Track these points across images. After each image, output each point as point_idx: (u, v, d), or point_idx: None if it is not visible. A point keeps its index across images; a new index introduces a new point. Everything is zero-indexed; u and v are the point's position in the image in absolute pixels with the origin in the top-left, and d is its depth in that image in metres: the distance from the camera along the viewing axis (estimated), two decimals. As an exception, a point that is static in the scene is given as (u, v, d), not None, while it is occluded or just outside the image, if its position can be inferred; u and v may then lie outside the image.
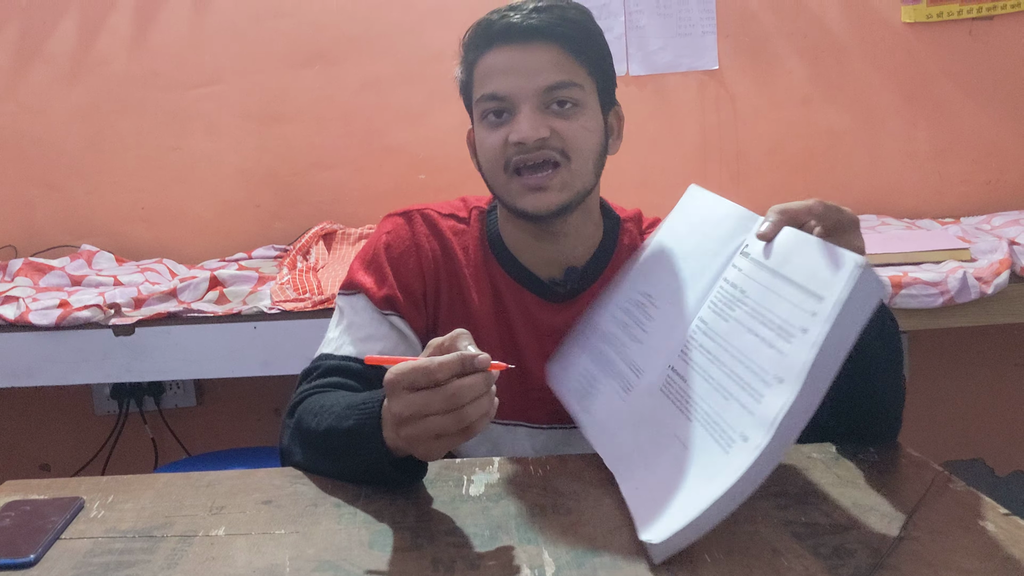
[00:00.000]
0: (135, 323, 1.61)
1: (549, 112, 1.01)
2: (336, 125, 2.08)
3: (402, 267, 1.08)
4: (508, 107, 1.01)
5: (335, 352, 1.04)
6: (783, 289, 0.76)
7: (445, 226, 1.11)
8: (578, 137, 1.01)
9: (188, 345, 1.61)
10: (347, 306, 1.08)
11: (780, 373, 0.71)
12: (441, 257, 1.09)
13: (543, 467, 0.91)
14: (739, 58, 2.08)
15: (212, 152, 2.08)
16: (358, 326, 1.06)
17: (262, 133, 2.08)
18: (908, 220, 2.02)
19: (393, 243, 1.09)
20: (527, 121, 0.99)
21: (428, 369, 0.76)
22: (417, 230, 1.10)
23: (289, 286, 1.71)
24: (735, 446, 0.71)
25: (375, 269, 1.08)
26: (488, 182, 1.06)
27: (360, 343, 1.04)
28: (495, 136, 1.02)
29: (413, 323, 1.07)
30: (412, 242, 1.09)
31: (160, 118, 2.07)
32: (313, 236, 1.97)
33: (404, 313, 1.06)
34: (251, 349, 1.61)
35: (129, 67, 2.05)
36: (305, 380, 1.03)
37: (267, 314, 1.63)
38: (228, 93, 2.07)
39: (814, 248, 0.76)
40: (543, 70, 1.00)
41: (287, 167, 2.09)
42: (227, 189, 2.10)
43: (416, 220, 1.11)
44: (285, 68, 2.06)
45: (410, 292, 1.07)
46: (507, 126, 1.01)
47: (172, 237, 2.10)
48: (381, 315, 1.06)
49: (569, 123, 1.01)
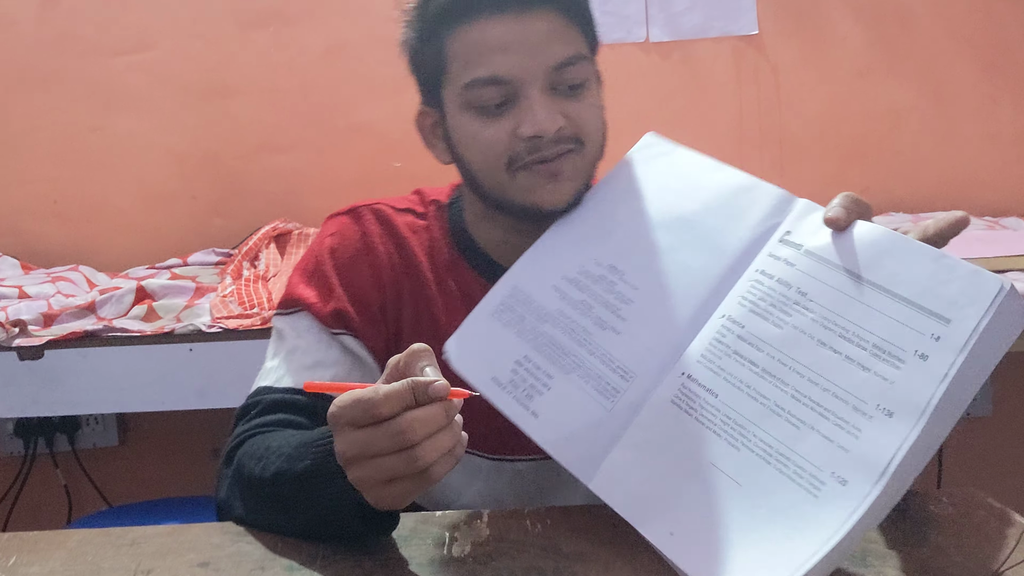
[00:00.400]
0: (44, 344, 1.60)
1: (558, 95, 1.01)
2: (292, 99, 2.08)
3: (353, 275, 1.07)
4: (511, 92, 1.00)
5: (275, 384, 1.04)
6: (878, 301, 0.76)
7: (401, 223, 1.11)
8: (591, 119, 1.03)
9: (109, 371, 1.61)
10: (287, 327, 1.07)
11: (888, 405, 0.71)
12: (399, 260, 1.09)
13: (542, 520, 0.91)
14: (783, 21, 2.08)
15: (140, 133, 2.08)
16: (302, 351, 1.05)
17: (201, 109, 2.08)
18: (989, 218, 2.03)
19: (340, 247, 1.09)
20: (544, 110, 0.99)
21: (370, 402, 0.76)
22: (368, 229, 1.10)
23: (233, 299, 1.70)
24: (827, 490, 0.71)
25: (319, 280, 1.08)
26: (480, 182, 1.06)
27: (306, 371, 1.04)
28: (495, 129, 1.01)
29: (370, 342, 1.06)
30: (363, 244, 1.09)
31: (77, 92, 2.07)
32: (263, 237, 1.97)
33: (358, 331, 1.06)
34: (185, 376, 1.61)
35: (39, 30, 2.05)
36: (242, 420, 1.02)
37: (206, 333, 1.62)
38: (160, 61, 2.07)
39: (927, 257, 0.76)
40: (547, 44, 0.99)
41: (231, 150, 2.10)
42: (158, 178, 2.10)
43: (366, 218, 1.11)
44: (231, 30, 2.07)
45: (364, 305, 1.07)
46: (510, 116, 1.00)
47: (90, 238, 2.10)
48: (330, 335, 1.05)
49: (580, 105, 1.02)
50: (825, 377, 0.75)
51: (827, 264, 0.80)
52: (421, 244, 1.11)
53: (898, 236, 0.79)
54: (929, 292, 0.74)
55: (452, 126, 1.05)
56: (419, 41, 1.05)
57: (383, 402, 0.75)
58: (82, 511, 2.11)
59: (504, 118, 1.01)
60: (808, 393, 0.75)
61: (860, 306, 0.76)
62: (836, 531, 0.68)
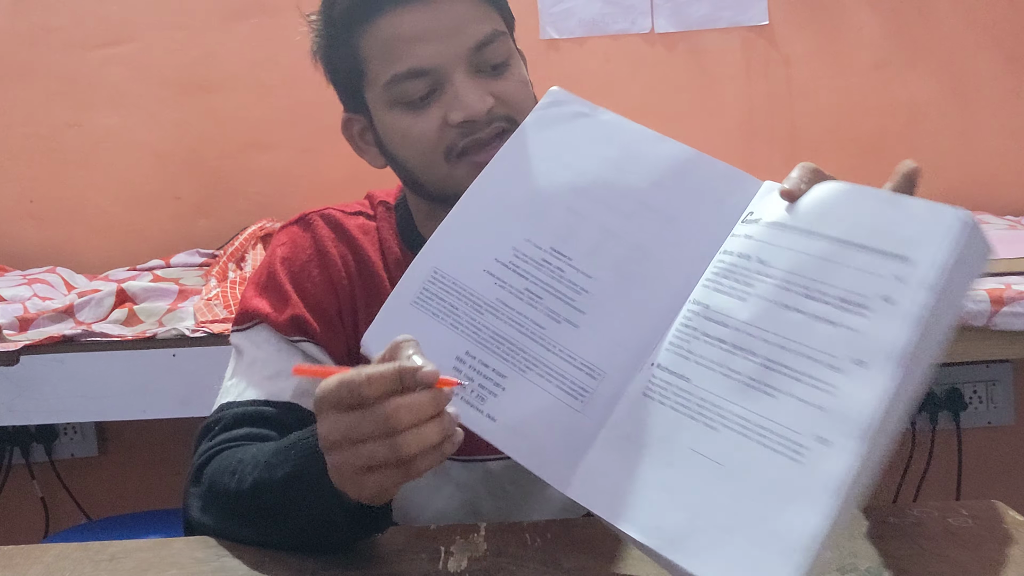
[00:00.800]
0: (20, 349, 1.60)
1: (483, 75, 1.02)
2: (278, 95, 2.09)
3: (306, 282, 1.09)
4: (435, 81, 1.01)
5: (238, 399, 1.04)
6: (835, 253, 0.76)
7: (352, 225, 1.13)
8: (519, 95, 1.04)
9: (88, 378, 1.61)
10: (245, 342, 1.08)
11: (860, 355, 0.71)
12: (353, 263, 1.11)
13: (541, 534, 0.91)
14: (795, 11, 2.09)
15: (120, 129, 2.09)
16: (262, 362, 1.06)
17: (183, 105, 2.08)
18: (1011, 217, 2.03)
19: (291, 255, 1.10)
20: (471, 92, 1.00)
21: (354, 383, 0.76)
22: (319, 234, 1.11)
23: (218, 302, 1.71)
24: (810, 454, 0.70)
25: (273, 290, 1.09)
26: (416, 176, 1.07)
27: (267, 382, 1.04)
28: (424, 121, 1.02)
29: (329, 348, 1.07)
30: (315, 250, 1.10)
31: (54, 86, 2.07)
32: (249, 238, 1.97)
33: (316, 337, 1.07)
34: (168, 383, 1.61)
35: (14, 22, 2.05)
36: (205, 438, 1.03)
37: (190, 338, 1.63)
38: (140, 54, 2.07)
39: (882, 201, 0.77)
40: (462, 26, 1.01)
41: (215, 148, 2.10)
42: (139, 177, 2.10)
43: (316, 224, 1.12)
44: (214, 22, 2.07)
45: (321, 310, 1.08)
46: (438, 105, 1.01)
47: (68, 238, 2.10)
48: (289, 344, 1.06)
49: (507, 83, 1.04)
50: (794, 340, 0.75)
51: (783, 228, 0.81)
52: (372, 244, 1.12)
53: (848, 185, 0.80)
54: (884, 233, 0.74)
55: (381, 127, 1.06)
56: (330, 47, 1.07)
57: (366, 383, 0.75)
58: (60, 524, 2.11)
59: (432, 108, 1.02)
60: (779, 359, 0.75)
61: (819, 262, 0.77)
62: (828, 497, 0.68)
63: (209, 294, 1.74)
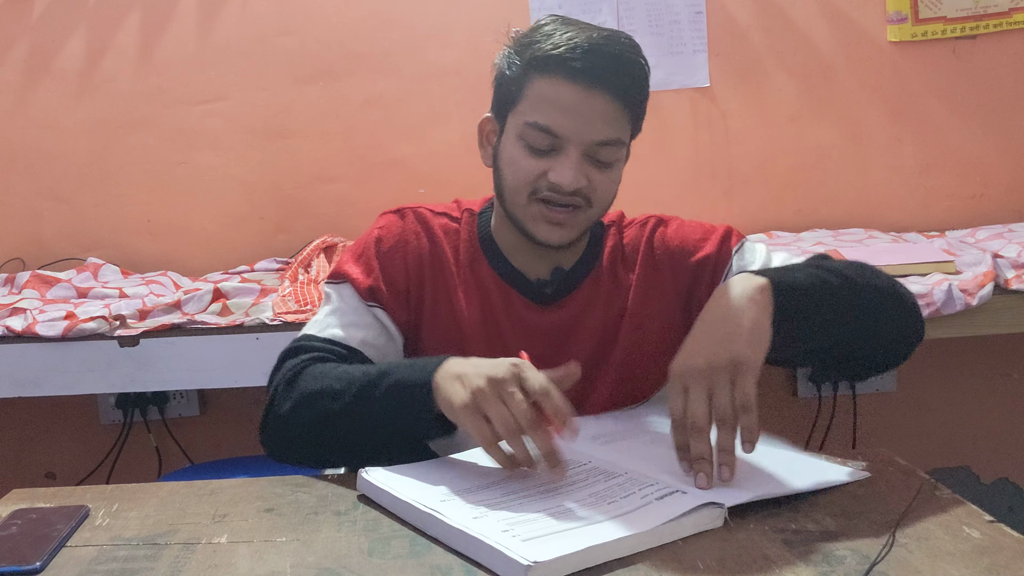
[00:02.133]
0: (140, 334, 1.60)
1: (589, 161, 1.01)
2: (339, 140, 2.09)
3: (388, 261, 1.09)
4: (556, 144, 1.00)
5: (318, 334, 1.05)
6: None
7: (436, 224, 1.12)
8: (606, 189, 1.03)
9: (192, 356, 1.61)
10: (334, 293, 1.09)
11: None
12: (429, 254, 1.10)
13: (539, 475, 0.91)
14: (730, 76, 2.08)
15: (217, 166, 2.08)
16: (343, 312, 1.07)
17: (266, 147, 2.08)
18: (895, 233, 2.03)
19: (383, 237, 1.10)
20: (573, 170, 0.99)
21: (549, 391, 0.83)
22: (408, 227, 1.11)
23: (291, 298, 1.70)
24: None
25: (364, 261, 1.09)
26: (504, 196, 1.06)
27: (342, 329, 1.05)
28: (532, 164, 1.01)
29: (395, 316, 1.07)
30: (401, 238, 1.10)
31: (166, 133, 2.07)
32: (314, 249, 1.97)
33: (386, 306, 1.07)
34: (253, 360, 1.61)
35: (136, 84, 2.05)
36: (290, 358, 1.03)
37: (269, 325, 1.63)
38: (233, 109, 2.07)
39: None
40: (598, 121, 0.99)
41: (290, 181, 2.10)
42: (231, 202, 2.10)
43: (408, 217, 1.12)
44: (289, 84, 2.07)
45: (394, 286, 1.08)
46: (549, 160, 1.00)
47: (177, 250, 2.10)
48: (365, 306, 1.07)
49: (602, 176, 1.02)
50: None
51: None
52: (451, 243, 1.11)
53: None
54: None
55: (504, 144, 1.05)
56: (508, 70, 1.04)
57: (552, 398, 0.83)
58: (170, 468, 2.11)
59: (542, 160, 1.01)
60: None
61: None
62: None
63: (284, 292, 1.74)
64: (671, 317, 1.10)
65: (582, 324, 1.09)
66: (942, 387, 2.16)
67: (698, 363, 0.84)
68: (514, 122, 1.03)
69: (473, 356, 1.06)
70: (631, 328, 1.09)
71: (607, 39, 1.00)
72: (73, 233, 2.08)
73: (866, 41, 2.07)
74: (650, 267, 1.11)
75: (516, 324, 1.08)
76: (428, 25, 2.04)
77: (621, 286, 1.11)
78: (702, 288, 1.09)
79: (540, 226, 1.03)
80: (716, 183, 2.11)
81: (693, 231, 1.13)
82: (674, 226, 1.14)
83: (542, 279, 1.10)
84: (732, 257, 1.09)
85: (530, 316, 1.09)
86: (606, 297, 1.10)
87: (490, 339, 1.08)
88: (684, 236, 1.12)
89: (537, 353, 1.07)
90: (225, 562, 0.76)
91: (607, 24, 2.03)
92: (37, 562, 0.76)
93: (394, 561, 0.75)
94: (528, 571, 0.69)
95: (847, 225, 2.09)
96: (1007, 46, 2.07)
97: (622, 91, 0.99)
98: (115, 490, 0.92)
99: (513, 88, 1.03)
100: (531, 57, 1.01)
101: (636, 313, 1.09)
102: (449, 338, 1.08)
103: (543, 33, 1.01)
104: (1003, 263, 1.68)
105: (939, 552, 0.74)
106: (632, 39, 1.03)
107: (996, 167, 2.11)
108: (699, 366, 0.84)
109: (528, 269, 1.10)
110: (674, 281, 1.10)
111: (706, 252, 1.10)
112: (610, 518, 0.77)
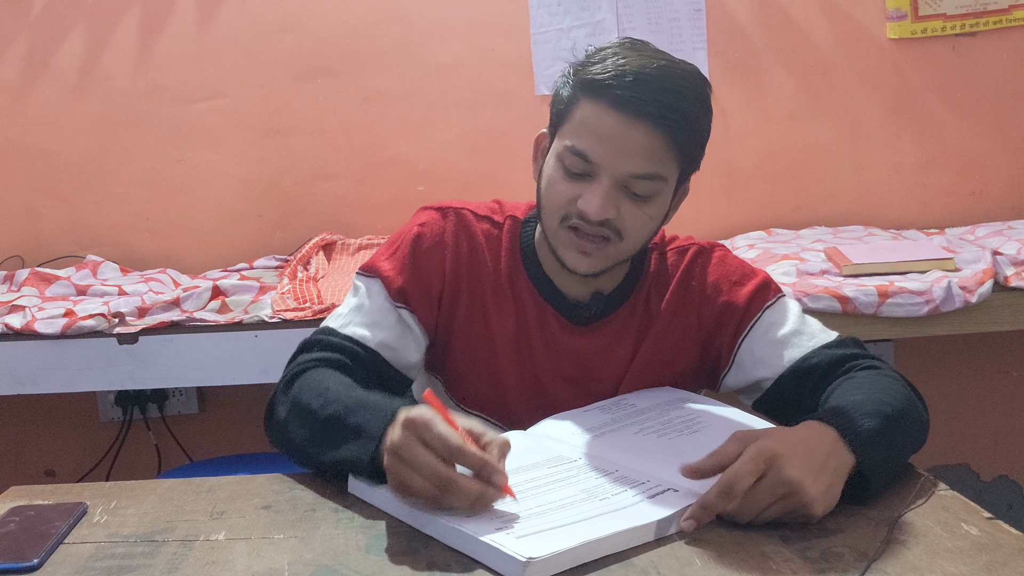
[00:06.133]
0: (139, 332, 1.60)
1: (623, 192, 0.97)
2: (337, 137, 2.08)
3: (425, 262, 1.06)
4: (590, 171, 0.97)
5: (340, 329, 1.03)
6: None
7: (478, 229, 1.08)
8: (639, 225, 0.99)
9: (190, 353, 1.61)
10: (363, 286, 1.06)
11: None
12: (467, 260, 1.07)
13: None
14: (729, 74, 2.08)
15: (215, 164, 2.08)
16: (367, 310, 1.04)
17: (265, 145, 2.08)
18: (894, 231, 2.02)
19: (424, 236, 1.07)
20: (601, 200, 0.96)
21: (450, 445, 0.76)
22: (449, 228, 1.07)
23: (290, 295, 1.70)
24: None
25: (398, 259, 1.06)
26: (541, 212, 1.03)
27: (364, 327, 1.03)
28: (566, 187, 0.99)
29: (423, 319, 1.05)
30: (441, 239, 1.07)
31: (165, 131, 2.07)
32: (313, 247, 1.96)
33: (415, 308, 1.05)
34: (252, 357, 1.61)
35: (134, 81, 2.05)
36: (305, 351, 1.01)
37: (268, 323, 1.63)
38: (232, 106, 2.06)
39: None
40: (637, 154, 0.95)
41: (289, 178, 2.09)
42: (230, 200, 2.09)
43: (450, 217, 1.08)
44: (288, 81, 2.06)
45: (425, 289, 1.05)
46: (582, 185, 0.97)
47: (176, 247, 2.09)
48: (392, 306, 1.04)
49: (636, 210, 0.98)
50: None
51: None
52: (491, 251, 1.08)
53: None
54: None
55: (547, 163, 1.03)
56: (563, 89, 1.02)
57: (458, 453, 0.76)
58: (169, 465, 2.11)
59: (576, 184, 0.98)
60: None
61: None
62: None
63: (283, 289, 1.74)
64: (687, 351, 1.08)
65: (613, 351, 1.07)
66: (941, 384, 2.16)
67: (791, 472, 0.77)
68: (559, 142, 1.00)
69: (502, 369, 1.05)
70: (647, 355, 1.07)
71: (660, 70, 0.96)
72: (72, 230, 2.08)
73: (866, 38, 2.07)
74: (680, 298, 1.08)
75: (548, 343, 1.06)
76: (427, 22, 2.04)
77: (651, 314, 1.08)
78: (725, 334, 1.06)
79: (569, 253, 1.00)
80: (716, 181, 2.11)
81: (731, 271, 1.08)
82: (715, 260, 1.09)
83: (580, 300, 1.07)
84: (763, 311, 1.05)
85: (564, 337, 1.06)
86: (638, 325, 1.08)
87: (520, 355, 1.06)
88: (721, 274, 1.08)
89: (566, 374, 1.06)
90: (223, 559, 0.76)
91: (605, 21, 2.03)
92: (35, 559, 0.76)
93: (392, 558, 0.75)
94: (526, 567, 0.69)
95: (846, 222, 2.08)
96: (1007, 43, 2.07)
97: (666, 125, 0.95)
98: (113, 487, 0.92)
99: (563, 108, 1.00)
100: (582, 79, 0.98)
101: (656, 343, 1.07)
102: (479, 349, 1.07)
103: (600, 56, 0.99)
104: (1002, 260, 1.68)
105: (937, 549, 0.74)
106: (695, 73, 0.99)
107: (995, 164, 2.11)
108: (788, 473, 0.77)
109: (568, 289, 1.07)
110: (699, 319, 1.08)
111: (738, 299, 1.06)
112: (603, 514, 0.77)
